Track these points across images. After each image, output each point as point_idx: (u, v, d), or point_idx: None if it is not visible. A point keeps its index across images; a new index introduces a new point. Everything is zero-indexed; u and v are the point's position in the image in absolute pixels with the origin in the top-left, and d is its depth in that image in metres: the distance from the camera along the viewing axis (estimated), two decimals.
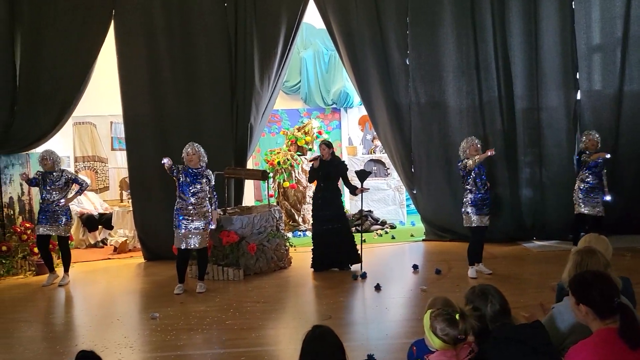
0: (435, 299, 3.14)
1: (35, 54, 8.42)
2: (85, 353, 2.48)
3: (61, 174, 7.42)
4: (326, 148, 7.43)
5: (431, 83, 8.76)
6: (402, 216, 10.82)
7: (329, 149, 7.45)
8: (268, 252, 7.57)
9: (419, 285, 6.62)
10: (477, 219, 6.69)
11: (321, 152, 7.43)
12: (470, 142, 6.75)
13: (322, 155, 7.41)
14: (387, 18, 8.74)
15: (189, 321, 5.68)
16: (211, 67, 8.66)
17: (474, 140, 6.76)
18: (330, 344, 2.70)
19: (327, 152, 7.40)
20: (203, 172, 6.73)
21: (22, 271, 8.07)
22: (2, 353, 5.02)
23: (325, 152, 7.39)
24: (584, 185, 7.31)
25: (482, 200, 6.68)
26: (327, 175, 7.38)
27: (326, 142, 7.63)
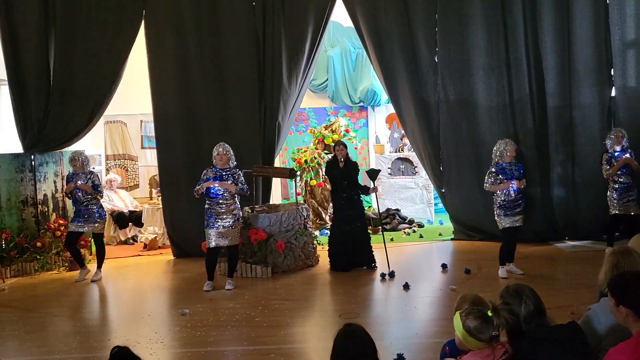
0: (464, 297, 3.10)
1: (69, 54, 8.59)
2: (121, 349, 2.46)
3: (89, 177, 7.52)
4: (344, 148, 7.42)
5: (460, 80, 8.66)
6: (429, 215, 10.73)
7: (346, 148, 7.44)
8: (296, 250, 7.59)
9: (448, 284, 6.56)
10: (506, 220, 6.60)
11: (339, 152, 7.40)
12: (511, 145, 6.64)
13: (341, 155, 7.37)
14: (415, 15, 8.67)
15: (218, 318, 5.73)
16: (239, 66, 8.72)
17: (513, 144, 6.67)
18: (362, 342, 2.68)
19: (345, 151, 7.39)
20: (230, 173, 6.77)
21: (56, 267, 8.24)
22: (37, 346, 5.13)
23: (344, 152, 7.38)
24: (618, 186, 7.15)
25: (513, 202, 6.57)
26: (347, 174, 7.36)
27: (342, 142, 7.65)
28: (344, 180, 7.34)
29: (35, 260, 8.10)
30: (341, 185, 7.37)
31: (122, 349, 2.44)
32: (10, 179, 8.33)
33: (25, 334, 5.47)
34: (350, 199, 7.32)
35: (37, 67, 8.49)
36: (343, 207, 7.34)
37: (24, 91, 8.50)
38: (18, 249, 8.09)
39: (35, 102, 8.52)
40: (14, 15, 8.39)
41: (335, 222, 7.50)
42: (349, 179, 7.34)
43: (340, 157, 7.35)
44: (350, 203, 7.32)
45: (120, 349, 2.43)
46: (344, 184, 7.35)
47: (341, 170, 7.32)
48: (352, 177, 7.38)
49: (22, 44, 8.44)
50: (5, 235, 8.04)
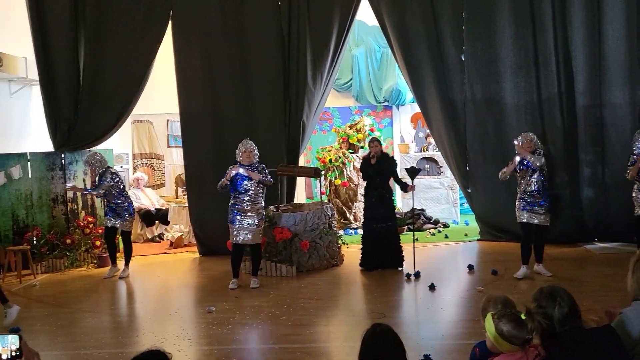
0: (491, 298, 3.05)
1: (98, 54, 8.74)
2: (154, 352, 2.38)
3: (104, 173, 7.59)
4: (378, 144, 7.38)
5: (487, 79, 8.56)
6: (455, 215, 10.64)
7: (380, 145, 7.40)
8: (320, 249, 7.59)
9: (474, 285, 6.50)
10: (523, 214, 6.57)
11: (373, 149, 7.36)
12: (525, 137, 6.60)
13: (374, 152, 7.34)
14: (442, 13, 8.60)
15: (244, 316, 5.77)
16: (265, 65, 8.76)
17: (529, 135, 6.61)
18: (391, 342, 2.66)
19: (378, 148, 7.35)
20: (254, 167, 6.80)
21: (85, 263, 8.40)
22: (68, 341, 5.23)
23: (377, 149, 7.34)
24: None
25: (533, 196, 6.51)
26: (380, 171, 7.32)
27: (376, 138, 7.59)
28: (375, 177, 7.30)
29: (65, 257, 8.27)
30: (373, 182, 7.33)
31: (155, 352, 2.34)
32: (41, 177, 8.52)
33: (56, 329, 5.59)
34: (381, 197, 7.27)
35: (68, 68, 8.65)
36: (373, 205, 7.31)
37: (54, 91, 8.67)
38: (48, 245, 8.27)
39: (66, 102, 8.69)
40: (46, 18, 8.56)
41: (365, 221, 7.46)
42: (382, 177, 7.30)
43: (373, 153, 7.32)
44: (381, 201, 7.27)
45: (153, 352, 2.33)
46: (376, 181, 7.31)
47: (373, 168, 7.29)
48: (384, 175, 7.33)
49: (53, 45, 8.61)
50: (36, 232, 8.23)
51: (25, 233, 8.24)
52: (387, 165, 7.36)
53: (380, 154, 7.34)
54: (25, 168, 8.43)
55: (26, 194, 8.40)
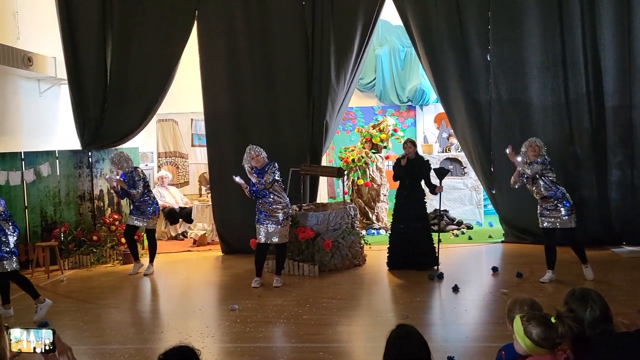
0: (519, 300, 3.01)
1: (124, 54, 8.87)
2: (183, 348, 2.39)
3: (132, 173, 7.69)
4: (412, 146, 7.35)
5: (513, 79, 8.46)
6: (479, 216, 10.54)
7: (414, 147, 7.38)
8: (343, 249, 7.59)
9: (499, 288, 6.42)
10: (542, 220, 6.51)
11: (406, 150, 7.34)
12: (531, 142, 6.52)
13: (407, 153, 7.32)
14: (467, 13, 8.52)
15: (267, 314, 5.80)
16: (289, 65, 8.79)
17: (535, 142, 6.50)
18: (416, 343, 2.64)
19: (412, 150, 7.33)
20: (265, 168, 6.82)
21: (111, 260, 8.53)
22: (94, 336, 5.32)
23: (411, 150, 7.31)
24: None
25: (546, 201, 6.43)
26: (412, 173, 7.30)
27: (411, 140, 7.57)
28: (406, 178, 7.28)
29: (92, 253, 8.41)
30: (403, 183, 7.32)
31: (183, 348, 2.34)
32: (69, 174, 8.68)
33: (83, 324, 5.69)
34: (410, 198, 7.25)
35: (95, 68, 8.80)
36: (402, 206, 7.29)
37: (82, 91, 8.83)
38: (76, 242, 8.42)
39: (93, 101, 8.84)
40: (75, 18, 8.72)
41: (393, 220, 7.44)
42: (412, 178, 7.27)
43: (405, 154, 7.29)
44: (410, 202, 7.24)
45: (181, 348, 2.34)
46: (405, 182, 7.29)
47: (404, 169, 7.27)
48: (415, 176, 7.30)
49: (81, 46, 8.76)
50: (64, 229, 8.38)
51: (53, 229, 8.40)
52: (419, 167, 7.34)
53: (414, 155, 7.31)
54: (54, 165, 8.61)
55: (54, 191, 8.57)
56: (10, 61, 8.11)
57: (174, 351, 2.29)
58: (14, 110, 8.94)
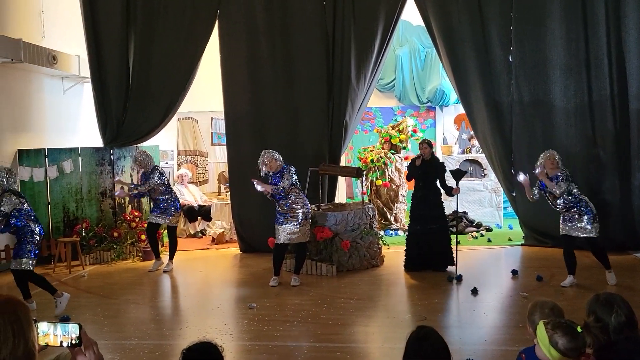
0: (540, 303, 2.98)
1: (147, 53, 8.96)
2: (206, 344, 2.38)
3: (151, 171, 7.77)
4: (428, 147, 7.32)
5: (536, 81, 8.36)
6: (498, 219, 10.44)
7: (430, 148, 7.35)
8: (361, 250, 7.58)
9: (518, 291, 6.36)
10: (561, 227, 6.46)
11: (422, 150, 7.31)
12: (550, 155, 6.39)
13: (422, 154, 7.29)
14: (489, 13, 8.44)
15: (285, 313, 5.81)
16: (309, 65, 8.80)
17: (554, 154, 6.39)
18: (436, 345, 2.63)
19: (428, 151, 7.29)
20: (280, 172, 6.82)
21: (131, 256, 8.63)
22: (115, 331, 5.39)
23: (427, 151, 7.28)
24: None
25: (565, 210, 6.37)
26: (426, 174, 7.27)
27: (427, 141, 7.53)
28: (420, 179, 7.26)
29: (112, 250, 8.52)
30: (417, 184, 7.30)
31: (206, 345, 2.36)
32: (91, 171, 8.80)
33: (103, 318, 5.76)
34: (424, 199, 7.22)
35: (118, 67, 8.90)
36: (417, 207, 7.27)
37: (105, 89, 8.94)
38: (97, 238, 8.54)
39: (115, 100, 8.95)
40: (98, 17, 8.84)
41: (410, 222, 7.43)
42: (426, 179, 7.25)
43: (420, 155, 7.26)
44: (425, 203, 7.21)
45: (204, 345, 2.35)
46: (419, 183, 7.27)
47: (418, 170, 7.24)
48: (430, 177, 7.27)
49: (104, 45, 8.88)
50: (85, 225, 8.50)
51: (75, 225, 8.53)
52: (434, 168, 7.30)
53: (429, 156, 7.28)
54: (76, 162, 8.74)
55: (76, 188, 8.70)
56: (35, 59, 8.25)
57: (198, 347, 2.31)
58: (39, 107, 9.09)
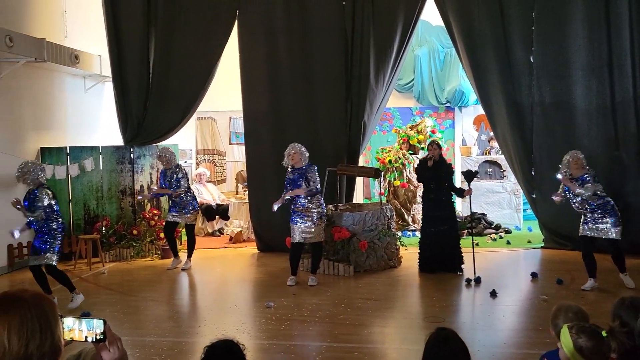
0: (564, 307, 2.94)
1: (166, 53, 9.04)
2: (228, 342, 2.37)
3: (173, 171, 7.85)
4: (437, 148, 7.28)
5: (557, 82, 8.26)
6: (517, 221, 10.33)
7: (439, 149, 7.31)
8: (378, 250, 7.56)
9: (538, 294, 6.29)
10: (581, 227, 6.39)
11: (432, 152, 7.26)
12: (574, 156, 6.28)
13: (433, 155, 7.25)
14: (510, 13, 8.36)
15: (302, 313, 5.82)
16: (327, 65, 8.80)
17: (578, 155, 6.29)
18: (455, 347, 2.61)
19: (437, 152, 7.26)
20: (303, 170, 6.85)
21: (150, 254, 8.72)
22: (134, 328, 5.45)
23: (436, 153, 7.24)
24: None
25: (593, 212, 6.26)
26: (436, 176, 7.22)
27: (436, 142, 7.50)
28: (431, 181, 7.22)
29: (131, 247, 8.61)
30: (428, 186, 7.26)
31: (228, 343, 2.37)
32: (111, 169, 8.91)
33: (123, 315, 5.83)
34: (437, 201, 7.19)
35: (138, 66, 9.00)
36: (430, 209, 7.24)
37: (125, 88, 9.05)
38: (116, 235, 8.64)
39: (136, 99, 9.04)
40: (120, 18, 8.95)
41: (422, 223, 7.41)
42: (437, 181, 7.21)
43: (430, 156, 7.23)
44: (437, 205, 7.18)
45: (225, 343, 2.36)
46: (430, 185, 7.23)
47: (430, 171, 7.21)
48: (441, 179, 7.25)
49: (125, 45, 8.98)
50: (105, 222, 8.61)
51: (96, 223, 8.64)
52: (443, 170, 7.28)
53: (438, 157, 7.24)
54: (97, 161, 8.85)
55: (97, 186, 8.81)
56: (58, 59, 8.38)
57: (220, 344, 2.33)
58: (61, 106, 9.22)
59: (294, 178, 6.86)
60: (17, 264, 7.99)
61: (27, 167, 5.93)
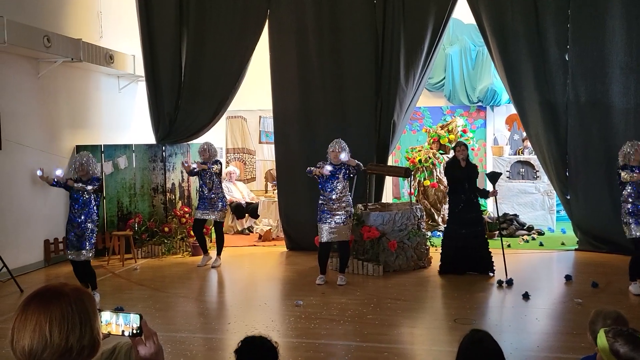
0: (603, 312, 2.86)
1: (198, 52, 9.14)
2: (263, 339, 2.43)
3: (215, 162, 7.97)
4: (466, 149, 7.19)
5: (593, 81, 8.06)
6: (551, 222, 10.12)
7: (467, 149, 7.22)
8: (408, 250, 7.50)
9: (572, 297, 6.14)
10: (637, 229, 6.05)
11: (462, 153, 7.16)
12: (636, 146, 6.08)
13: (462, 156, 7.15)
14: (545, 11, 8.19)
15: (331, 312, 5.82)
16: (358, 64, 8.77)
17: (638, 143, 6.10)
18: (489, 349, 2.58)
19: (466, 153, 7.16)
20: (341, 166, 6.84)
21: (180, 251, 8.83)
22: (166, 324, 5.52)
23: (465, 154, 7.15)
24: None
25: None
26: (468, 176, 7.13)
27: (464, 142, 7.41)
28: (465, 182, 7.13)
29: (163, 244, 8.74)
30: (462, 186, 7.15)
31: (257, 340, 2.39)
32: (144, 167, 9.05)
33: (155, 311, 5.92)
34: (469, 202, 7.10)
35: (171, 66, 9.13)
36: (461, 210, 7.14)
37: (158, 87, 9.18)
38: (148, 232, 8.78)
39: (168, 98, 9.17)
40: (153, 19, 9.08)
41: (450, 224, 7.30)
42: (470, 181, 7.12)
43: (461, 157, 7.15)
44: (469, 206, 7.09)
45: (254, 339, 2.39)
46: (464, 185, 7.14)
47: (463, 171, 7.13)
48: (472, 179, 7.16)
49: (158, 45, 9.12)
50: (138, 219, 8.75)
51: (128, 219, 8.79)
52: (473, 170, 7.19)
53: (467, 158, 7.17)
54: (130, 159, 9.00)
55: (130, 183, 8.97)
56: (93, 59, 8.55)
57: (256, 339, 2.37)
58: (96, 105, 9.41)
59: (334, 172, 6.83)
60: (53, 258, 8.18)
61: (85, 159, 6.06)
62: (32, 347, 1.38)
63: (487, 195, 7.21)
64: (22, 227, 7.69)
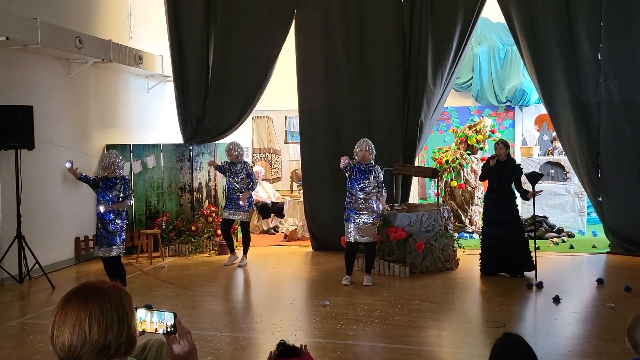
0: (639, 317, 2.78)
1: (225, 53, 9.20)
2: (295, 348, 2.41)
3: (243, 166, 8.01)
4: (504, 147, 7.07)
5: (627, 80, 7.87)
6: (581, 225, 9.92)
7: (506, 148, 7.10)
8: (435, 252, 7.43)
9: (604, 301, 6.00)
10: None
11: (498, 151, 7.08)
12: None
13: (498, 154, 7.06)
14: (577, 9, 8.02)
15: (357, 312, 5.79)
16: (385, 64, 8.72)
17: None
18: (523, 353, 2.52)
19: (504, 151, 7.05)
20: (371, 168, 6.82)
21: (207, 250, 8.90)
22: (193, 322, 5.55)
23: (502, 152, 7.04)
24: None
25: None
26: (501, 176, 7.02)
27: (504, 141, 7.27)
28: (494, 181, 7.03)
29: (190, 243, 8.82)
30: (490, 186, 7.08)
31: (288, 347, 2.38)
32: (171, 167, 9.15)
33: (183, 309, 5.96)
34: (499, 202, 6.99)
35: (198, 66, 9.21)
36: (491, 210, 7.05)
37: (186, 88, 9.27)
38: (176, 231, 8.87)
39: (195, 98, 9.26)
40: (181, 19, 9.17)
41: (484, 225, 7.23)
42: (501, 181, 7.01)
43: (495, 155, 7.04)
44: (499, 206, 6.98)
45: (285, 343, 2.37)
46: (493, 185, 7.04)
47: (493, 170, 7.03)
48: (505, 179, 7.04)
49: (186, 45, 9.21)
50: (165, 218, 8.85)
51: (156, 218, 8.90)
52: (509, 170, 7.06)
53: (505, 158, 7.04)
54: (158, 158, 9.11)
55: (158, 182, 9.08)
56: (123, 59, 8.68)
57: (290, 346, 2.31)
58: (125, 105, 9.55)
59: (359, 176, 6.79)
60: (83, 256, 8.33)
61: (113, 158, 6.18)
62: (71, 342, 1.39)
63: (526, 197, 7.07)
64: (53, 225, 7.84)
